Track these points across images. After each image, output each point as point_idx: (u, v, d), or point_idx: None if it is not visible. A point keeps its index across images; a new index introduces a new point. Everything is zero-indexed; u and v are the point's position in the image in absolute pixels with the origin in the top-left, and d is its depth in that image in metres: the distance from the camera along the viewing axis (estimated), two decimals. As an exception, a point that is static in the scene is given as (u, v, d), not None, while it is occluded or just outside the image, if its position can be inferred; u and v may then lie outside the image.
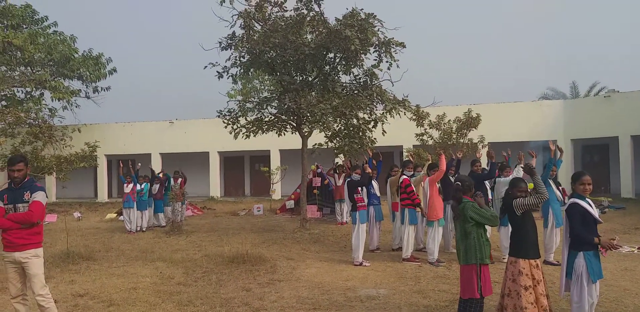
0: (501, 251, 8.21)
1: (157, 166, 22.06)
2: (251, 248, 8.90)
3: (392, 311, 5.55)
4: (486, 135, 16.65)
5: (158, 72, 56.09)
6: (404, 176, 8.28)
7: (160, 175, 13.98)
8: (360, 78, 11.51)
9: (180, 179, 13.83)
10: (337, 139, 11.95)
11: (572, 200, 4.57)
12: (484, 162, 9.74)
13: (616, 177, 19.28)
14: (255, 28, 11.37)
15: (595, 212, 4.54)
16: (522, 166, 4.89)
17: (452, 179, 8.14)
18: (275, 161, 21.98)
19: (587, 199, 4.58)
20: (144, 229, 12.66)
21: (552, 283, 6.25)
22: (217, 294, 6.34)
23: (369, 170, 8.39)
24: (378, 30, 10.59)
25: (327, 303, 5.88)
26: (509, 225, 5.05)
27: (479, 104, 18.75)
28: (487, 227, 5.03)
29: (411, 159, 9.36)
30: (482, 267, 4.59)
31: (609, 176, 20.06)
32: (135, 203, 12.46)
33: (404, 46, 10.80)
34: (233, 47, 11.34)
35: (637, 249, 8.81)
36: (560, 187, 8.46)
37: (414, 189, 8.15)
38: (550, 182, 7.95)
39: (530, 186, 5.09)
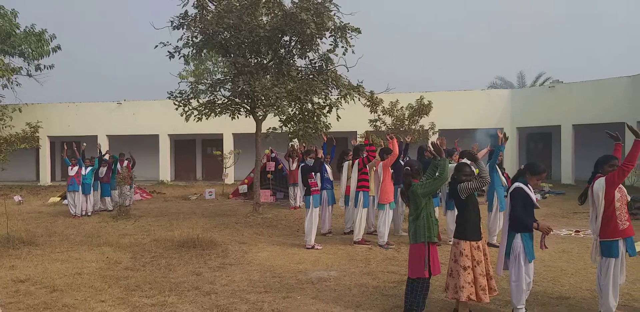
0: (448, 234, 8.47)
1: (104, 148, 21.33)
2: (202, 232, 8.79)
3: (343, 292, 5.65)
4: (437, 122, 17.03)
5: (106, 51, 53.92)
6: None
7: (107, 157, 13.51)
8: (315, 62, 11.45)
9: (127, 162, 13.43)
10: (292, 123, 11.89)
11: (516, 184, 4.76)
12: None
13: (557, 164, 20.21)
14: (208, 8, 11.07)
15: (534, 198, 4.76)
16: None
17: (402, 163, 8.29)
18: (228, 145, 21.70)
19: (528, 185, 4.78)
20: (89, 214, 12.25)
21: (493, 264, 6.51)
22: (167, 278, 6.25)
23: (320, 154, 8.43)
24: (334, 14, 10.55)
25: (279, 286, 5.92)
26: (455, 209, 5.22)
27: (431, 92, 19.10)
28: (436, 208, 5.16)
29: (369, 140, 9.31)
30: (430, 246, 4.72)
31: (550, 163, 21.01)
32: (80, 186, 12.02)
33: (360, 32, 10.80)
34: (185, 27, 11.02)
35: (575, 232, 9.31)
36: (504, 173, 8.79)
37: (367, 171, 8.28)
38: (497, 168, 8.23)
39: (477, 171, 5.26)
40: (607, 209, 4.61)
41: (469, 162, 5.60)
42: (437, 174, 4.75)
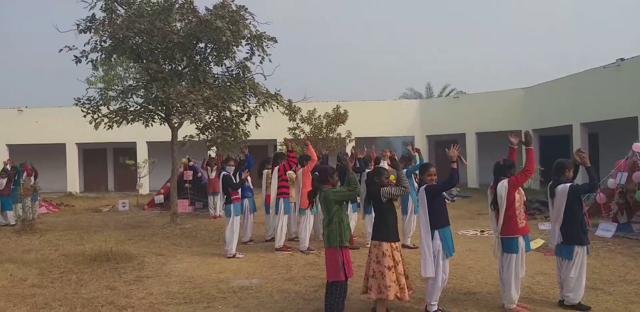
0: (365, 237, 8.76)
1: (3, 158, 19.72)
2: (116, 245, 8.41)
3: (265, 299, 5.69)
4: (353, 130, 17.56)
5: (7, 52, 49.89)
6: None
7: (9, 168, 12.53)
8: (232, 70, 11.44)
9: (26, 173, 12.54)
10: (210, 131, 11.75)
11: (425, 185, 5.10)
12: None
13: (463, 169, 21.54)
14: (118, 12, 10.71)
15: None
16: (388, 161, 5.35)
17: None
18: (142, 154, 20.87)
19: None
20: (-13, 229, 11.29)
21: (408, 264, 6.85)
22: (78, 294, 5.93)
23: (246, 175, 8.43)
24: (250, 23, 10.62)
25: (199, 296, 5.83)
26: (373, 212, 5.46)
27: (346, 101, 19.69)
28: (351, 214, 5.38)
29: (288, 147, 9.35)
30: (342, 250, 4.89)
31: (457, 168, 22.27)
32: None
33: (276, 41, 10.97)
34: (93, 31, 10.56)
35: (480, 232, 10.00)
36: (416, 178, 9.28)
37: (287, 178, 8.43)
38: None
39: (392, 177, 5.55)
40: (508, 209, 5.05)
41: (386, 166, 5.90)
42: (350, 186, 4.97)
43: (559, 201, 5.19)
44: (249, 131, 11.75)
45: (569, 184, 5.19)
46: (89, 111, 11.29)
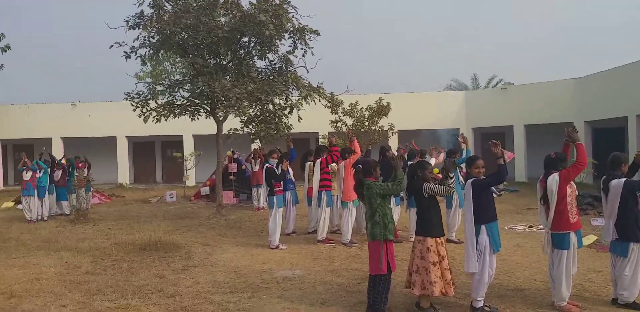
0: (409, 231, 8.68)
1: (59, 151, 20.67)
2: (164, 235, 8.69)
3: (308, 290, 5.73)
4: (396, 123, 17.36)
5: (59, 51, 52.09)
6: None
7: (63, 161, 13.13)
8: (275, 64, 11.51)
9: (81, 165, 13.09)
10: (253, 124, 11.89)
11: (472, 179, 4.97)
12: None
13: (511, 163, 20.95)
14: (165, 8, 10.94)
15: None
16: (445, 161, 5.21)
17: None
18: (188, 147, 21.41)
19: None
20: (45, 218, 11.88)
21: (452, 259, 6.75)
22: (129, 281, 6.17)
23: (285, 165, 8.47)
24: (292, 16, 10.64)
25: (244, 286, 5.94)
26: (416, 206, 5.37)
27: (389, 94, 19.47)
28: (394, 207, 5.33)
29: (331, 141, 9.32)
30: (386, 243, 4.86)
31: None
32: (35, 191, 11.63)
33: (318, 34, 10.95)
34: (141, 27, 10.84)
35: (528, 227, 9.72)
36: (462, 171, 9.11)
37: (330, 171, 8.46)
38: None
39: (435, 171, 5.45)
40: (559, 203, 4.86)
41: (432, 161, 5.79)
42: (395, 181, 4.95)
43: (613, 196, 4.97)
44: (291, 124, 11.82)
45: (623, 179, 4.96)
46: (138, 105, 11.64)
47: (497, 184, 5.15)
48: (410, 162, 8.75)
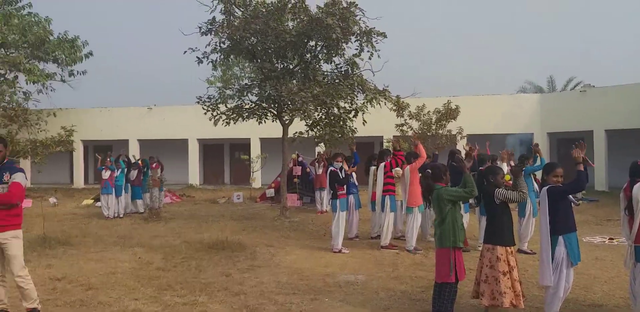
0: (478, 240, 8.37)
1: (135, 152, 21.79)
2: (231, 235, 8.93)
3: (370, 296, 5.66)
4: (464, 127, 16.87)
5: (137, 57, 55.14)
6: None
7: (139, 162, 13.84)
8: (341, 67, 11.54)
9: (155, 164, 13.75)
10: (318, 127, 11.97)
11: (548, 186, 4.71)
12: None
13: (590, 171, 19.66)
14: (235, 14, 11.27)
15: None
16: (511, 167, 5.03)
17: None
18: (255, 149, 21.90)
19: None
20: (121, 215, 12.55)
21: (524, 270, 6.43)
22: (197, 279, 6.37)
23: (352, 171, 8.45)
24: (359, 19, 10.64)
25: (306, 288, 5.97)
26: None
27: (458, 96, 18.93)
28: (464, 214, 5.16)
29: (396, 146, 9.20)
30: (455, 251, 4.70)
31: (582, 169, 20.50)
32: (113, 189, 12.33)
33: (385, 36, 10.89)
34: (213, 33, 11.22)
35: (608, 239, 9.09)
36: (536, 178, 8.67)
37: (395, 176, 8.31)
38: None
39: (507, 177, 5.22)
40: (645, 214, 4.51)
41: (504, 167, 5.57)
42: (467, 188, 4.79)
43: None
44: (355, 128, 11.79)
45: None
46: (209, 109, 12.05)
47: (576, 192, 4.86)
48: (480, 168, 8.47)
